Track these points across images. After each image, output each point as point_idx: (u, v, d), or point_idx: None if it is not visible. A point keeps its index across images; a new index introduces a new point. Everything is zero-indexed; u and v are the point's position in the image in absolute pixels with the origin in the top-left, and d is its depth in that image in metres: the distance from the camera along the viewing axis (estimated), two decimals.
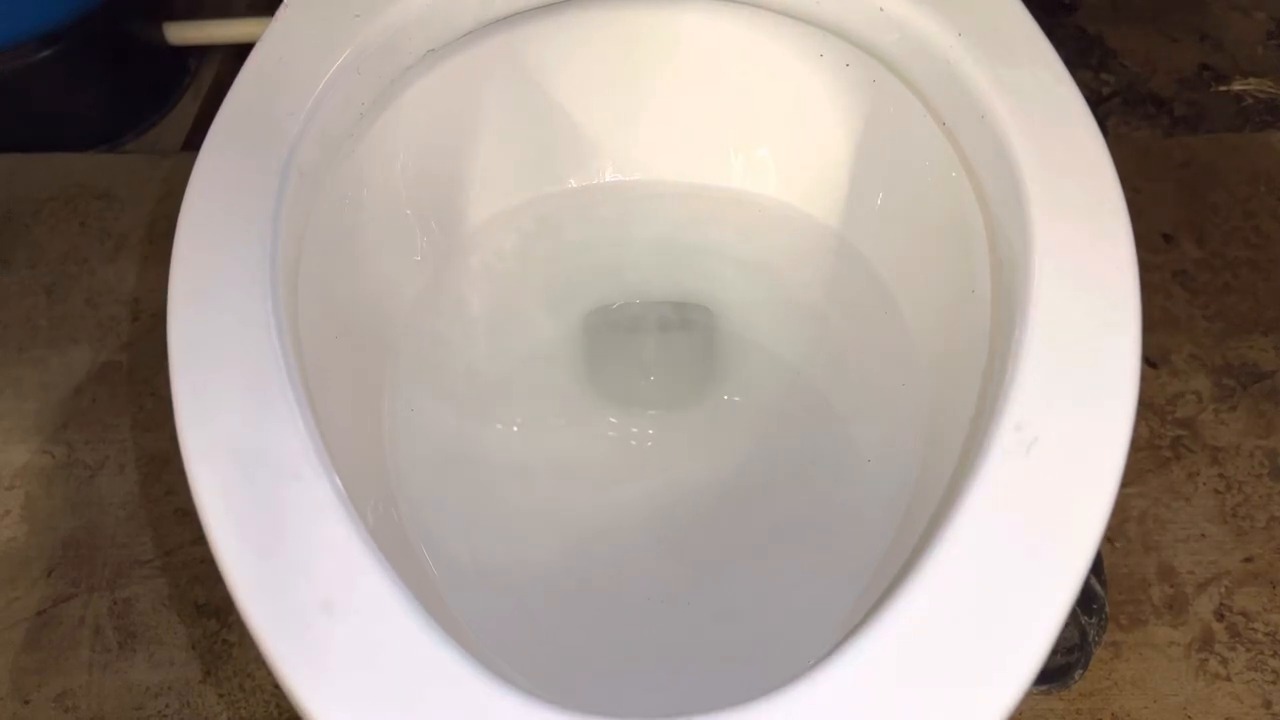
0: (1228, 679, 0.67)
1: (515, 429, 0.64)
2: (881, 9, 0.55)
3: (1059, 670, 0.66)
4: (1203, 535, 0.73)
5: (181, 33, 1.04)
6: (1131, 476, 0.76)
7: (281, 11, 0.55)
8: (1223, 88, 1.07)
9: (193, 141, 1.02)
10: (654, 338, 0.70)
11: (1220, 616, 0.70)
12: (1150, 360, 0.82)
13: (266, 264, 0.45)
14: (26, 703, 0.68)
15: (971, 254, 0.55)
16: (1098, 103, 1.06)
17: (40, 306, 0.87)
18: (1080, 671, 0.66)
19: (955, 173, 0.58)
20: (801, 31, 0.62)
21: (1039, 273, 0.44)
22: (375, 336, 0.62)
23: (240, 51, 1.08)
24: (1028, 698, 0.66)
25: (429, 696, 0.34)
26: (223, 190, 0.47)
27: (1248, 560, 0.72)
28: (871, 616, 0.36)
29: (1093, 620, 0.67)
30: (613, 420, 0.65)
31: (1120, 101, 1.06)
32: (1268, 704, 0.67)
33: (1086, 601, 0.67)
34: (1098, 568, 0.70)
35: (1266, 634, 0.69)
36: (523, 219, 0.70)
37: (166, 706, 0.67)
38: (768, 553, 0.58)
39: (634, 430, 0.65)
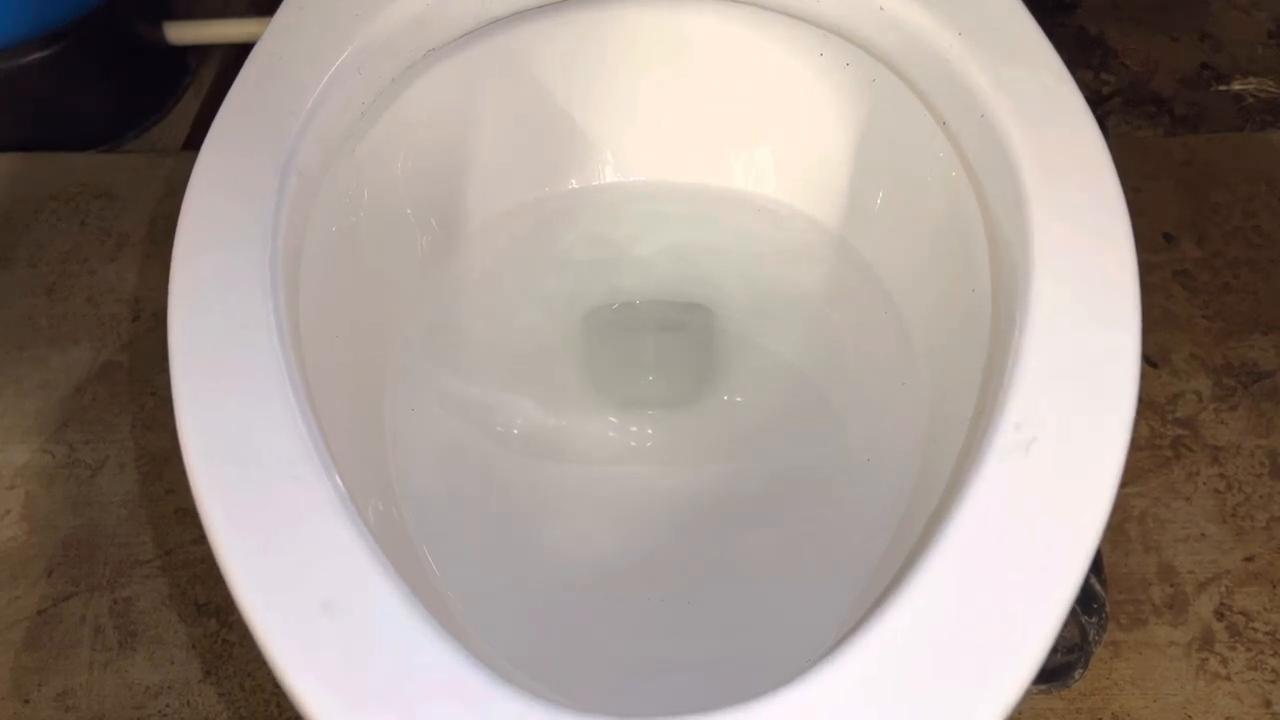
0: (1228, 678, 0.67)
1: (516, 430, 0.64)
2: (881, 8, 0.55)
3: (1059, 669, 0.66)
4: (1203, 535, 0.73)
5: (182, 32, 1.04)
6: (1131, 476, 0.76)
7: (282, 11, 0.55)
8: (1223, 87, 1.07)
9: (193, 141, 1.02)
10: (654, 338, 0.70)
11: (1220, 616, 0.70)
12: (1150, 360, 0.82)
13: (267, 264, 0.45)
14: (27, 702, 0.68)
15: (971, 253, 0.55)
16: (1098, 102, 1.06)
17: (41, 306, 0.87)
18: (1080, 671, 0.66)
19: (955, 172, 0.58)
20: (801, 31, 0.62)
21: (1039, 272, 0.44)
22: (376, 337, 0.62)
23: (241, 51, 1.08)
24: (1028, 697, 0.66)
25: (429, 696, 0.34)
26: (223, 190, 0.47)
27: (1248, 560, 0.72)
28: (871, 615, 0.36)
29: (1093, 620, 0.67)
30: (613, 420, 0.65)
31: (1121, 101, 1.06)
32: (1268, 704, 0.67)
33: (1086, 601, 0.67)
34: (1098, 567, 0.70)
35: (1266, 633, 0.69)
36: (523, 219, 0.70)
37: (167, 706, 0.67)
38: (767, 552, 0.58)
39: (634, 430, 0.65)
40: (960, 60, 0.52)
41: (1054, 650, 0.35)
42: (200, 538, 0.38)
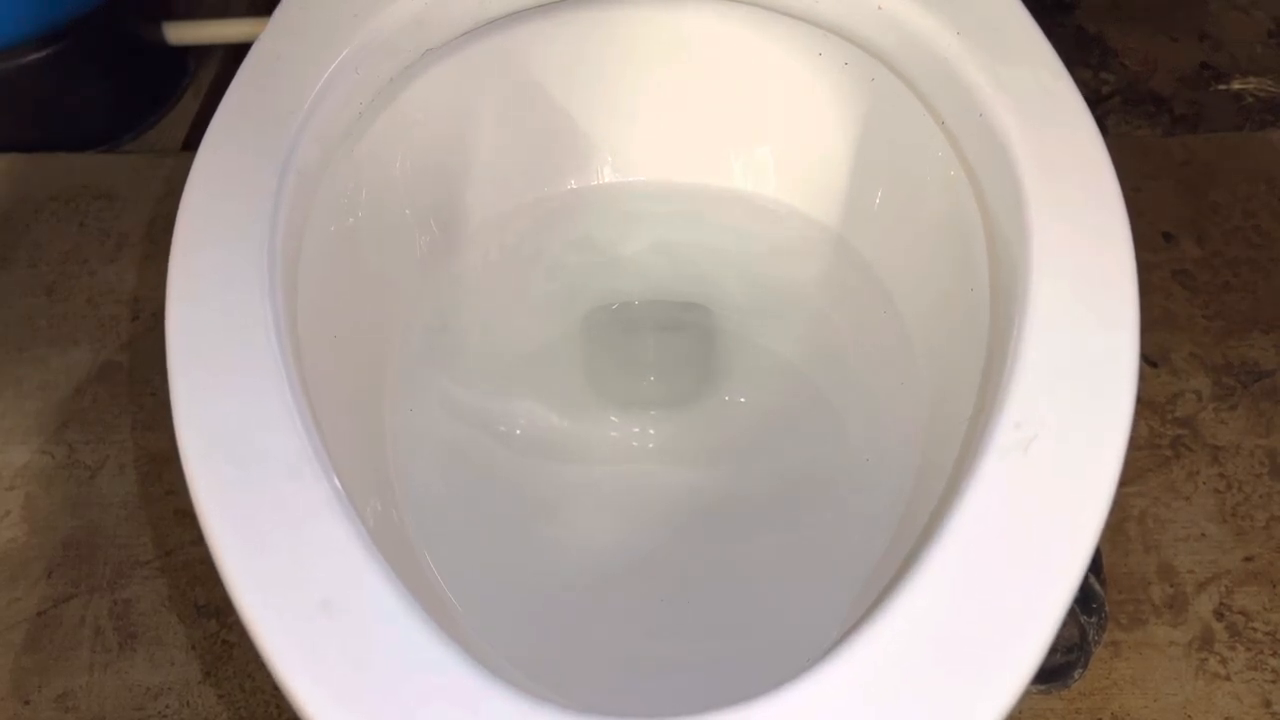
0: (1227, 678, 0.67)
1: (518, 431, 0.64)
2: (880, 7, 0.55)
3: (1058, 669, 0.66)
4: (1203, 534, 0.73)
5: (181, 32, 1.04)
6: (1131, 476, 0.76)
7: (280, 11, 0.55)
8: (1223, 87, 1.07)
9: (193, 141, 1.02)
10: (654, 338, 0.70)
11: (1220, 616, 0.70)
12: (1150, 359, 0.82)
13: (265, 263, 0.45)
14: (27, 703, 0.68)
15: (970, 253, 0.55)
16: (1097, 102, 1.06)
17: (41, 306, 0.87)
18: (1080, 671, 0.66)
19: (954, 172, 0.58)
20: (800, 30, 0.62)
21: (1038, 271, 0.44)
22: (375, 337, 0.62)
23: (240, 51, 1.07)
24: (1027, 697, 0.66)
25: (428, 696, 0.34)
26: (221, 189, 0.47)
27: (1248, 559, 0.72)
28: (870, 614, 0.36)
29: (1092, 620, 0.67)
30: (613, 419, 0.65)
31: (1120, 100, 1.06)
32: (1267, 703, 0.67)
33: (1086, 601, 0.67)
34: (1097, 567, 0.70)
35: (1266, 633, 0.69)
36: (522, 219, 0.70)
37: (167, 707, 0.67)
38: (768, 552, 0.58)
39: (635, 430, 0.65)
40: (959, 59, 0.52)
41: (1053, 650, 0.35)
42: (200, 539, 0.38)
